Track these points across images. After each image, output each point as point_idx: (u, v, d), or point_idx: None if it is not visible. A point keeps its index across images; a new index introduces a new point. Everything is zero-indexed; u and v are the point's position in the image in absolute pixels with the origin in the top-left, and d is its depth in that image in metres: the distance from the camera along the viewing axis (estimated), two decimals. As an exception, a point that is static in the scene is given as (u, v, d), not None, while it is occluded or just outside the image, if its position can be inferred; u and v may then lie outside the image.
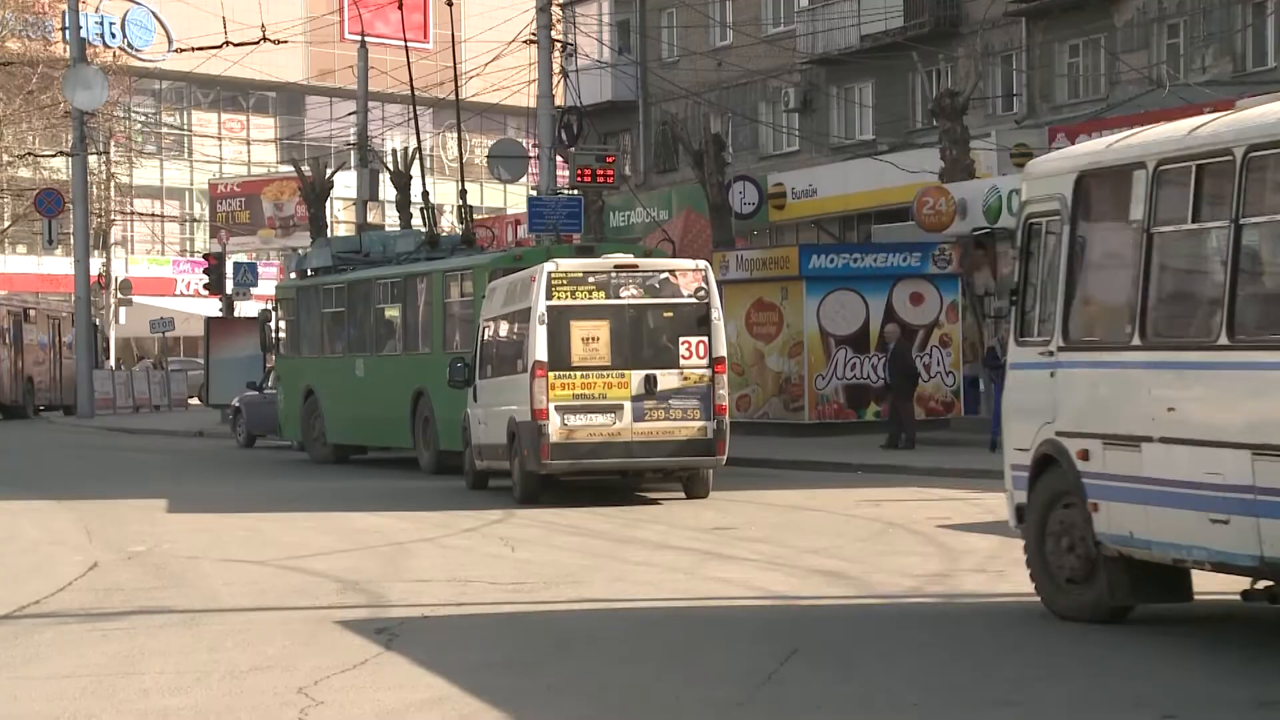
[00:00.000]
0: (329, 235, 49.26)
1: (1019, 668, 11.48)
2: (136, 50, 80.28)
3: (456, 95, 36.21)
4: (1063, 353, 13.23)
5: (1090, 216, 13.32)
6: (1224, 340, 11.52)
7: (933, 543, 18.24)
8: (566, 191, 38.57)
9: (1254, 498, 11.19)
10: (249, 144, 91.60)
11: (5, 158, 68.21)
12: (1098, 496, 12.78)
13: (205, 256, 61.58)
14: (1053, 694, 10.64)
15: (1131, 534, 12.48)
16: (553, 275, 23.46)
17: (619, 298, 23.54)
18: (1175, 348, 12.18)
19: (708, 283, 23.69)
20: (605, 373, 23.37)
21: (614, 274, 23.65)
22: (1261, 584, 12.02)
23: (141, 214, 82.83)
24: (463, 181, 35.47)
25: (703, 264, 24.26)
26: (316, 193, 51.23)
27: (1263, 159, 11.35)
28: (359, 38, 52.45)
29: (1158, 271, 12.38)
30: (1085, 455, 12.88)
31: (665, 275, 23.74)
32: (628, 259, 24.25)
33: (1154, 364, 12.29)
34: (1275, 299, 11.58)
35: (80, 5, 57.06)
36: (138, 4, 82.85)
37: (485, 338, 25.83)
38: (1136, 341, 12.39)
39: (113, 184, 76.23)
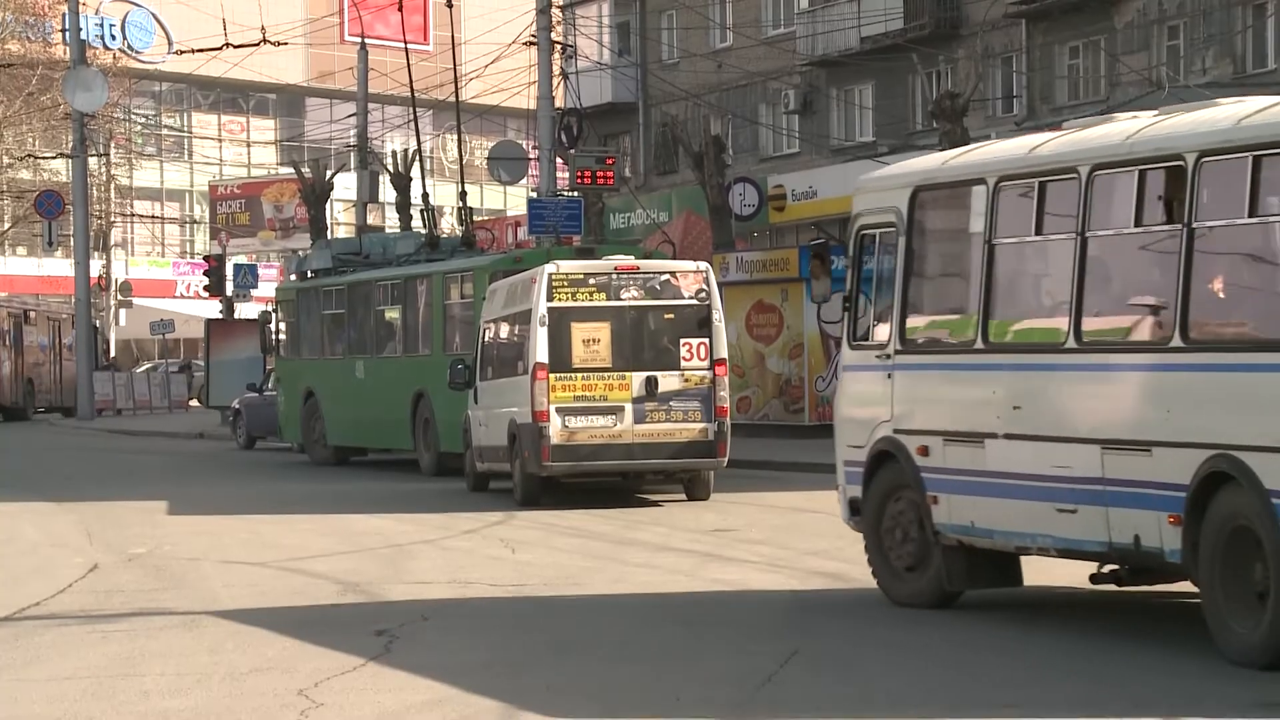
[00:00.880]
0: (329, 237, 49.21)
1: (1019, 669, 11.48)
2: (136, 52, 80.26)
3: (456, 97, 36.21)
4: (900, 355, 14.07)
5: (927, 228, 14.14)
6: (1072, 344, 12.42)
7: (933, 544, 18.22)
8: (566, 193, 38.55)
9: (1103, 489, 12.09)
10: (249, 146, 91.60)
11: (5, 159, 68.18)
12: (937, 490, 13.65)
13: (205, 258, 61.54)
14: (1053, 695, 10.65)
15: (973, 524, 13.37)
16: (554, 277, 23.47)
17: (620, 299, 23.54)
18: (1022, 351, 13.18)
19: (708, 284, 23.71)
20: (606, 374, 23.37)
21: (615, 276, 23.66)
22: (1108, 568, 12.90)
23: (141, 216, 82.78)
24: (463, 183, 35.47)
25: (703, 266, 24.28)
26: (316, 194, 51.18)
27: (1105, 178, 12.32)
28: (359, 39, 52.42)
29: (1000, 280, 13.27)
30: (925, 451, 13.76)
31: (666, 277, 23.75)
32: (629, 261, 24.27)
33: (999, 366, 13.21)
34: (1121, 306, 12.42)
35: (80, 7, 57.03)
36: (138, 6, 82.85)
37: (486, 340, 25.83)
38: (980, 345, 13.29)
39: (113, 186, 76.21)
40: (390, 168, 50.88)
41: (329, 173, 52.19)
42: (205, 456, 38.69)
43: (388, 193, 54.25)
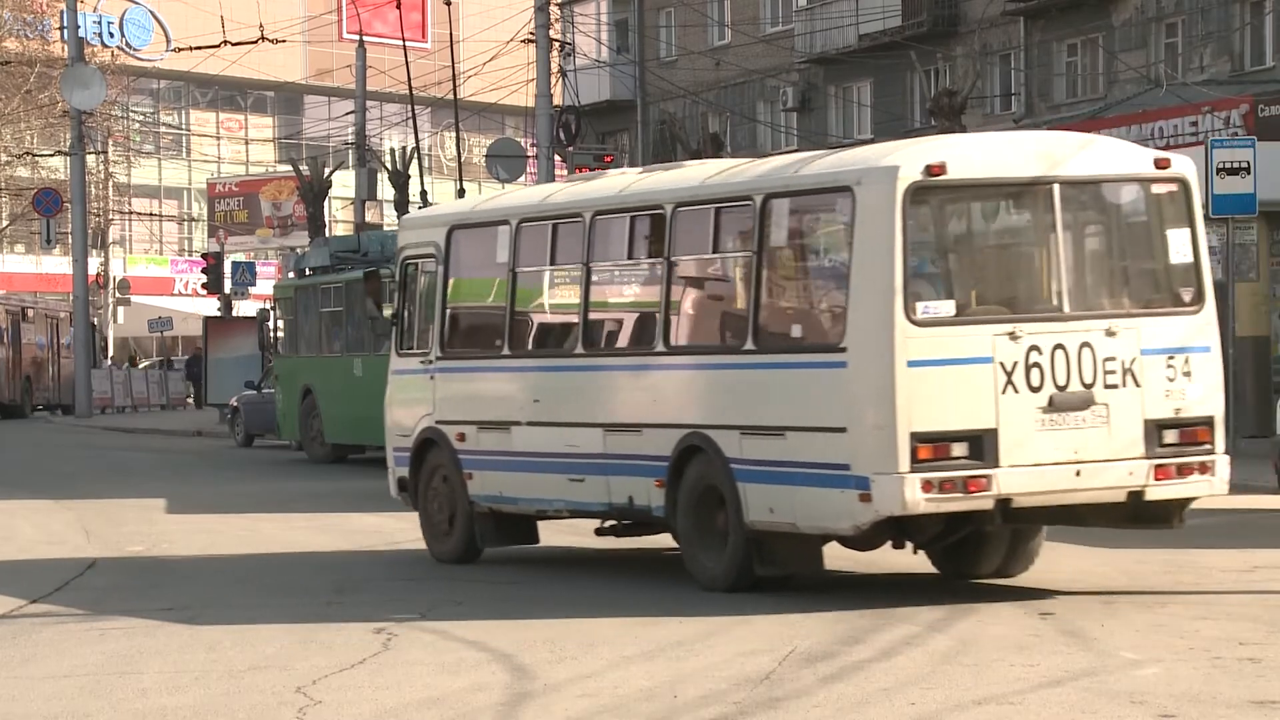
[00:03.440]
0: (327, 235, 49.20)
1: (1018, 666, 11.47)
2: (134, 49, 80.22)
3: (455, 94, 36.23)
4: (440, 361, 17.24)
5: (462, 258, 17.29)
6: (580, 351, 15.95)
7: (931, 542, 18.19)
8: (565, 191, 38.52)
9: (605, 461, 15.56)
10: (247, 143, 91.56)
11: (3, 157, 68.18)
12: (473, 468, 16.84)
13: (203, 256, 61.53)
14: (1051, 692, 10.64)
15: (501, 494, 16.69)
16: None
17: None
18: (540, 356, 16.55)
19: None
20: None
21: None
22: (609, 522, 16.48)
23: (140, 213, 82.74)
24: (461, 181, 35.50)
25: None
26: (315, 192, 51.16)
27: (604, 221, 15.76)
28: (357, 37, 52.41)
29: (522, 299, 16.63)
30: (462, 438, 16.95)
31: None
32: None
33: (522, 368, 16.56)
34: (618, 320, 16.06)
35: (79, 4, 56.99)
36: (136, 3, 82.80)
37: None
38: (507, 352, 16.62)
39: (111, 183, 76.19)
40: (388, 165, 50.85)
41: (327, 170, 52.18)
42: (203, 454, 38.69)
43: (386, 190, 54.27)
